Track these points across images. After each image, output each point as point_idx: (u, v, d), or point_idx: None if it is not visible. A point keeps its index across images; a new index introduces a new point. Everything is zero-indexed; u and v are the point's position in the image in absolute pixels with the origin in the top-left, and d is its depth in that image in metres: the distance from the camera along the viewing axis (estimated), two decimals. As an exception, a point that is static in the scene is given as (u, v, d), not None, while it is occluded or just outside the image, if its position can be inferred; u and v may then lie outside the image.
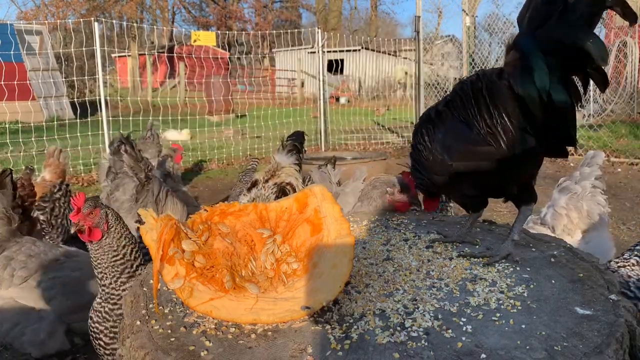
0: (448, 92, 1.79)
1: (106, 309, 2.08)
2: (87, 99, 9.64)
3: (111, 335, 2.08)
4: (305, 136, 3.54)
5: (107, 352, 2.10)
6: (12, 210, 3.81)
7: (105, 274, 2.06)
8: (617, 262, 2.21)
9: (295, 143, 3.33)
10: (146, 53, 23.55)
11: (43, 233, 3.52)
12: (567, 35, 1.41)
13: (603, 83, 1.41)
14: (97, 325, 2.10)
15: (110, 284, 2.07)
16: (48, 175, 5.16)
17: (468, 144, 1.63)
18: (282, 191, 3.17)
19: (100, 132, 8.60)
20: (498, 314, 1.35)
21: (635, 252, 2.25)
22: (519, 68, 1.49)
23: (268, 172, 3.19)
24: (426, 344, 1.22)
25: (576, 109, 1.50)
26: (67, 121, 9.99)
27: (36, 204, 3.72)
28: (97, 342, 2.12)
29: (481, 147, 1.60)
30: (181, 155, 5.41)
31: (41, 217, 3.51)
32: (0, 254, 2.75)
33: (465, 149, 1.64)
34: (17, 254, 2.77)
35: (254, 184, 3.19)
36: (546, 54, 1.44)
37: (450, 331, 1.27)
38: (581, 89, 1.50)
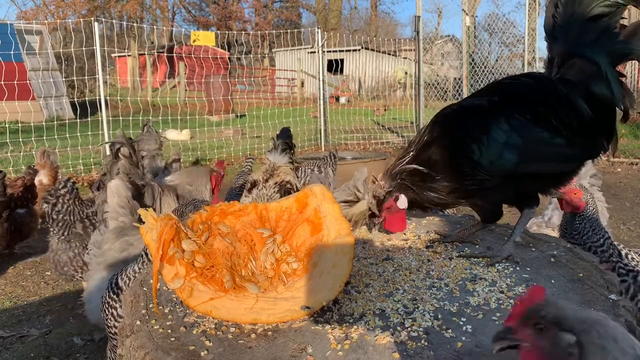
0: (477, 88, 1.84)
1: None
2: (87, 98, 9.65)
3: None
4: (290, 130, 3.55)
5: (118, 324, 1.99)
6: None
7: None
8: (633, 251, 2.27)
9: (287, 141, 3.34)
10: (146, 53, 23.51)
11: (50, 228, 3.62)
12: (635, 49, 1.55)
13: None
14: (118, 293, 2.03)
15: None
16: (45, 178, 5.17)
17: (549, 145, 1.63)
18: (284, 190, 3.17)
19: (100, 132, 8.59)
20: (498, 314, 1.35)
21: None
22: (598, 78, 1.58)
23: (266, 172, 3.18)
24: (426, 343, 1.22)
25: None
26: (67, 121, 9.99)
27: (43, 196, 3.76)
28: (109, 310, 2.05)
29: (564, 149, 1.63)
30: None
31: (48, 211, 3.58)
32: (121, 239, 2.74)
33: (543, 150, 1.64)
34: (138, 242, 2.72)
35: (254, 184, 3.18)
36: (613, 66, 1.58)
37: (450, 331, 1.27)
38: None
